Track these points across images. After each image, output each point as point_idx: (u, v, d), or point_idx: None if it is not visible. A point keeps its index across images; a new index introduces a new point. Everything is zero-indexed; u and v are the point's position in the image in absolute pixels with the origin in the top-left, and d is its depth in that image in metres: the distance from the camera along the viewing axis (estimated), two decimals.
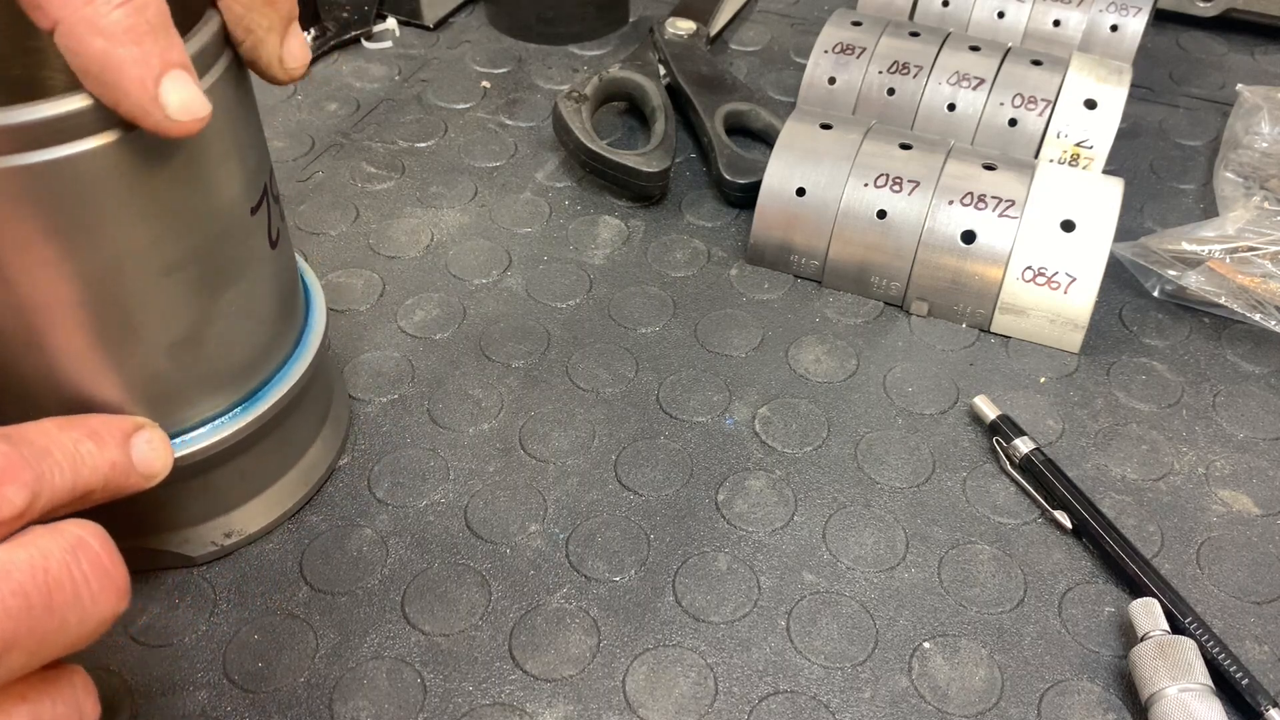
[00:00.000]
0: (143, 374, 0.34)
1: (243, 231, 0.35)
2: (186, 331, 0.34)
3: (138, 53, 0.27)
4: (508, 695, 0.37)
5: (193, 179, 0.32)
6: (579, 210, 0.58)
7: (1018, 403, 0.47)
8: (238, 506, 0.41)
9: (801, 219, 0.52)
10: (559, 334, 0.51)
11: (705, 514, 0.43)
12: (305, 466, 0.43)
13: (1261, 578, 0.41)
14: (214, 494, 0.40)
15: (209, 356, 0.36)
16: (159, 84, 0.28)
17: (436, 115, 0.66)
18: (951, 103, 0.57)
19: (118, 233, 0.31)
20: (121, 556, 0.30)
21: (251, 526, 0.41)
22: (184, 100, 0.28)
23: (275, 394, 0.39)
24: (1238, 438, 0.46)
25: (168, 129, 0.28)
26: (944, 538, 0.42)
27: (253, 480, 0.41)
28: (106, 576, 0.29)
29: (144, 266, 0.32)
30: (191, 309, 0.34)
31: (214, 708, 0.37)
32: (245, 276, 0.36)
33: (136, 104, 0.28)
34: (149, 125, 0.28)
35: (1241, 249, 0.51)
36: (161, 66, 0.28)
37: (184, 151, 0.31)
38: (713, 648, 0.38)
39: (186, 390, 0.36)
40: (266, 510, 0.41)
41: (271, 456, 0.41)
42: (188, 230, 0.33)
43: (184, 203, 0.32)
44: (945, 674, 0.38)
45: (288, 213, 0.58)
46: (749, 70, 0.70)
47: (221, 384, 0.37)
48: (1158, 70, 0.70)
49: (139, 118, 0.28)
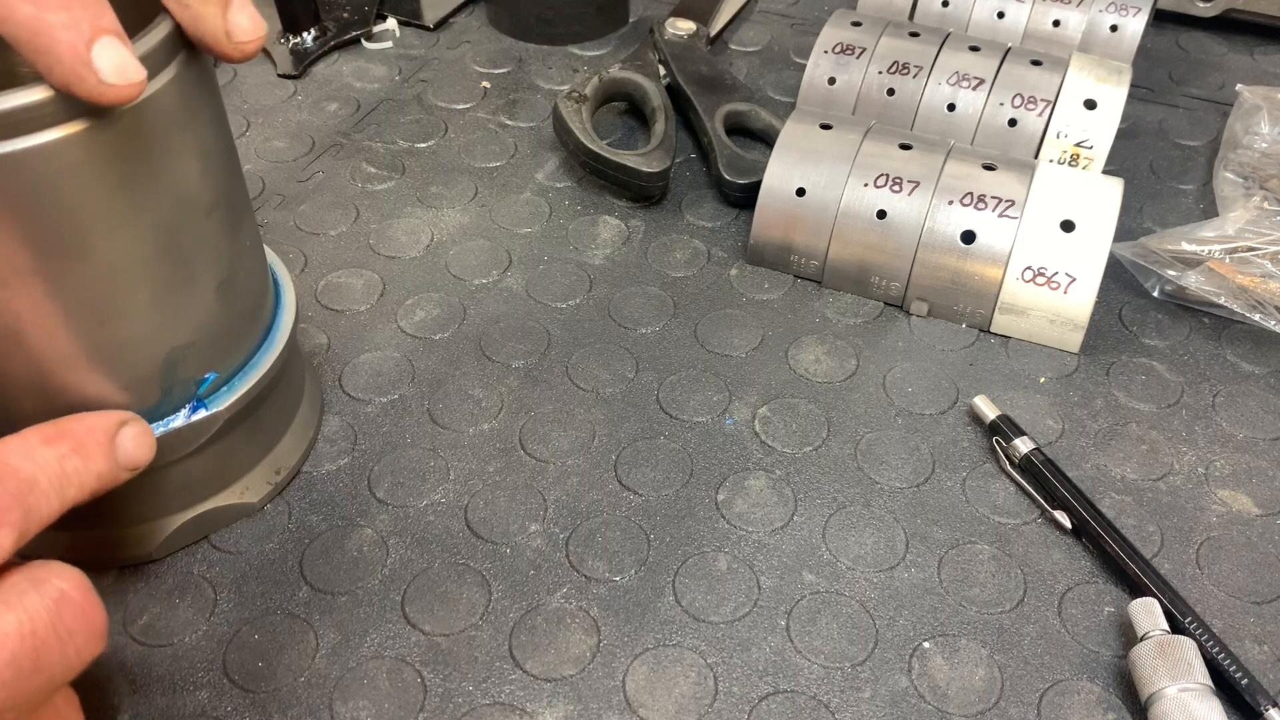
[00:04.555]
0: (122, 363, 0.35)
1: (209, 224, 0.35)
2: (161, 320, 0.35)
3: (67, 17, 0.27)
4: (508, 695, 0.37)
5: (158, 172, 0.32)
6: (579, 210, 0.58)
7: (1017, 403, 0.47)
8: (200, 503, 0.41)
9: (801, 219, 0.52)
10: (559, 334, 0.51)
11: (705, 514, 0.43)
12: (273, 459, 0.43)
13: (1261, 578, 0.41)
14: (184, 485, 0.40)
15: (184, 344, 0.36)
16: (90, 48, 0.27)
17: (437, 115, 0.66)
18: (951, 103, 0.57)
19: (86, 223, 0.31)
20: (99, 600, 0.30)
21: None
22: (117, 64, 0.28)
23: (245, 385, 0.39)
24: (1237, 438, 0.46)
25: (103, 93, 0.28)
26: (944, 538, 0.42)
27: (220, 473, 0.41)
28: (88, 625, 0.29)
29: (115, 257, 0.32)
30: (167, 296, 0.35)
31: (214, 708, 0.37)
32: (216, 266, 0.36)
33: (70, 69, 0.27)
34: (83, 92, 0.28)
35: (1241, 249, 0.51)
36: (92, 31, 0.27)
37: (148, 147, 0.31)
38: (713, 648, 0.38)
39: (161, 378, 0.36)
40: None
41: (242, 448, 0.41)
42: (156, 220, 0.33)
43: (151, 196, 0.32)
44: (945, 674, 0.38)
45: (288, 213, 0.58)
46: (749, 70, 0.70)
47: (195, 372, 0.37)
48: (1158, 70, 0.70)
49: (73, 84, 0.28)
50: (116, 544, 0.40)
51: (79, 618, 0.29)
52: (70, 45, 0.27)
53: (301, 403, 0.44)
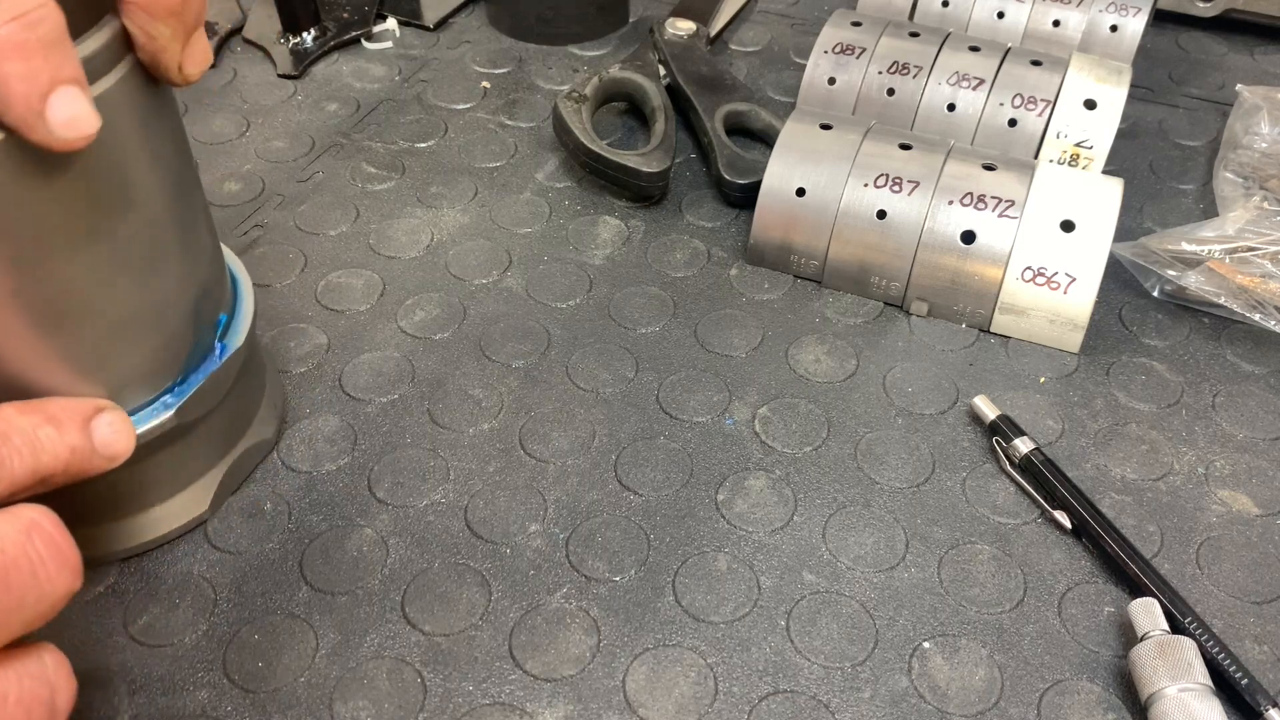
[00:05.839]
0: (85, 358, 0.35)
1: (159, 223, 0.36)
2: (119, 316, 0.35)
3: (24, 69, 0.27)
4: (508, 695, 0.37)
5: (103, 176, 0.33)
6: (579, 210, 0.58)
7: (1017, 403, 0.47)
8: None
9: (801, 219, 0.52)
10: (559, 334, 0.51)
11: (705, 514, 0.43)
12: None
13: (1261, 578, 0.41)
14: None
15: (141, 341, 0.36)
16: (45, 100, 0.28)
17: (436, 115, 0.66)
18: (951, 103, 0.57)
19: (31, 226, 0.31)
20: (71, 537, 0.31)
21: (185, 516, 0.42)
22: (70, 116, 0.29)
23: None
24: (1237, 438, 0.46)
25: (50, 143, 0.29)
26: (944, 538, 0.42)
27: (184, 469, 0.41)
28: (60, 555, 0.30)
29: (66, 258, 0.33)
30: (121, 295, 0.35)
31: (214, 708, 0.37)
32: (168, 264, 0.36)
33: (20, 118, 0.28)
34: (33, 138, 0.29)
35: (1241, 249, 0.51)
36: (49, 84, 0.28)
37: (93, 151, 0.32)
38: (713, 648, 0.38)
39: (123, 375, 0.37)
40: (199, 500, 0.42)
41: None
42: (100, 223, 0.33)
43: (97, 198, 0.33)
44: (945, 674, 0.38)
45: (288, 213, 0.58)
46: (749, 70, 0.70)
47: (156, 368, 0.38)
48: (1157, 70, 0.70)
49: (23, 131, 0.28)
50: (173, 515, 0.41)
51: (49, 544, 0.30)
52: (24, 96, 0.28)
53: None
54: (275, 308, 0.52)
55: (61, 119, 0.28)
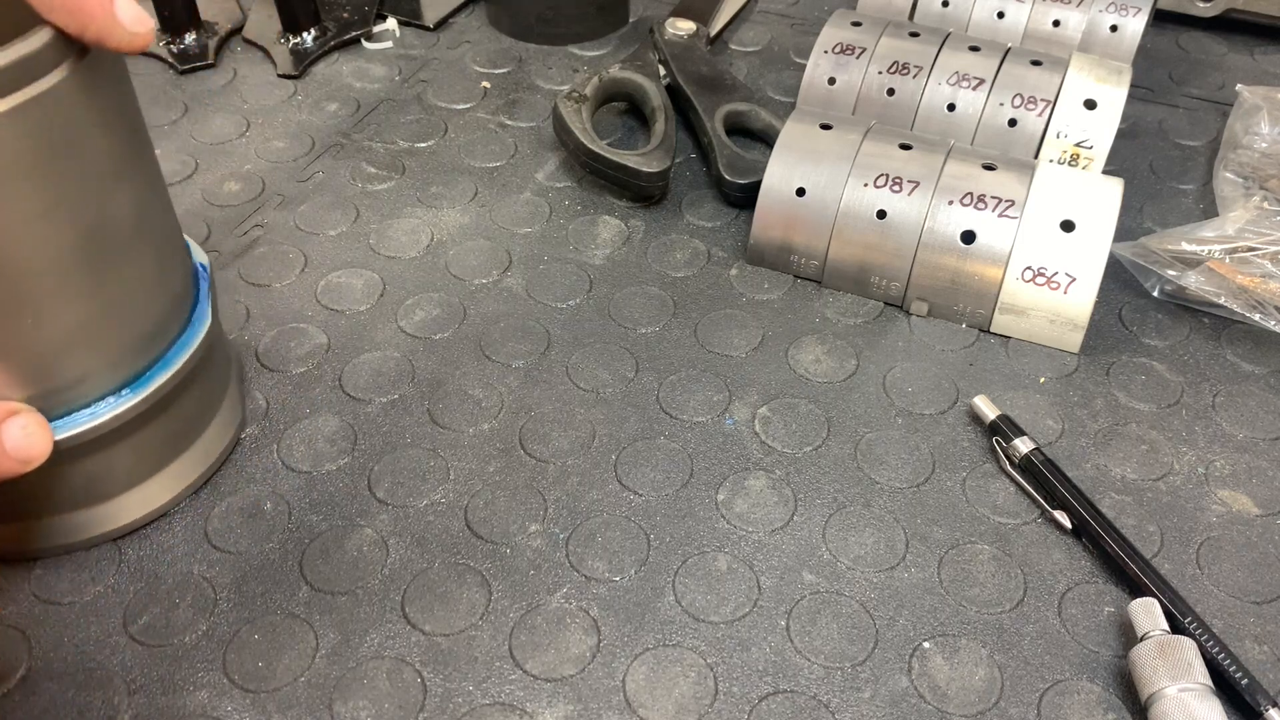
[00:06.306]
0: (29, 354, 0.35)
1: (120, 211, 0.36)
2: (74, 311, 0.35)
3: None
4: (508, 695, 0.37)
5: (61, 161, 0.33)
6: (579, 210, 0.58)
7: (1017, 403, 0.47)
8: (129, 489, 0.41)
9: (801, 219, 0.52)
10: (559, 334, 0.51)
11: (705, 514, 0.43)
12: (200, 448, 0.43)
13: (1261, 578, 0.41)
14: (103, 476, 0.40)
15: (97, 335, 0.36)
16: (114, 5, 0.32)
17: (436, 115, 0.66)
18: (951, 103, 0.57)
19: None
20: None
21: (146, 508, 0.42)
22: (135, 15, 0.32)
23: (164, 374, 0.40)
24: (1237, 438, 0.46)
25: (132, 44, 0.32)
26: (944, 538, 0.42)
27: (145, 461, 0.41)
28: None
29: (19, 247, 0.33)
30: (76, 288, 0.35)
31: (214, 708, 0.37)
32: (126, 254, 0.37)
33: (102, 28, 0.32)
34: (113, 43, 0.32)
35: (1241, 249, 0.51)
36: None
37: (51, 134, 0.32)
38: (713, 648, 0.38)
39: (75, 369, 0.37)
40: (162, 491, 0.42)
41: (161, 438, 0.42)
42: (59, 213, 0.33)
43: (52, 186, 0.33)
44: (945, 674, 0.38)
45: (288, 213, 0.58)
46: (749, 70, 0.70)
47: (112, 362, 0.38)
48: (1157, 70, 0.70)
49: (105, 41, 0.32)
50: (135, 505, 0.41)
51: None
52: (100, 6, 0.32)
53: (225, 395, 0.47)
54: (275, 308, 0.52)
55: (129, 18, 0.32)
